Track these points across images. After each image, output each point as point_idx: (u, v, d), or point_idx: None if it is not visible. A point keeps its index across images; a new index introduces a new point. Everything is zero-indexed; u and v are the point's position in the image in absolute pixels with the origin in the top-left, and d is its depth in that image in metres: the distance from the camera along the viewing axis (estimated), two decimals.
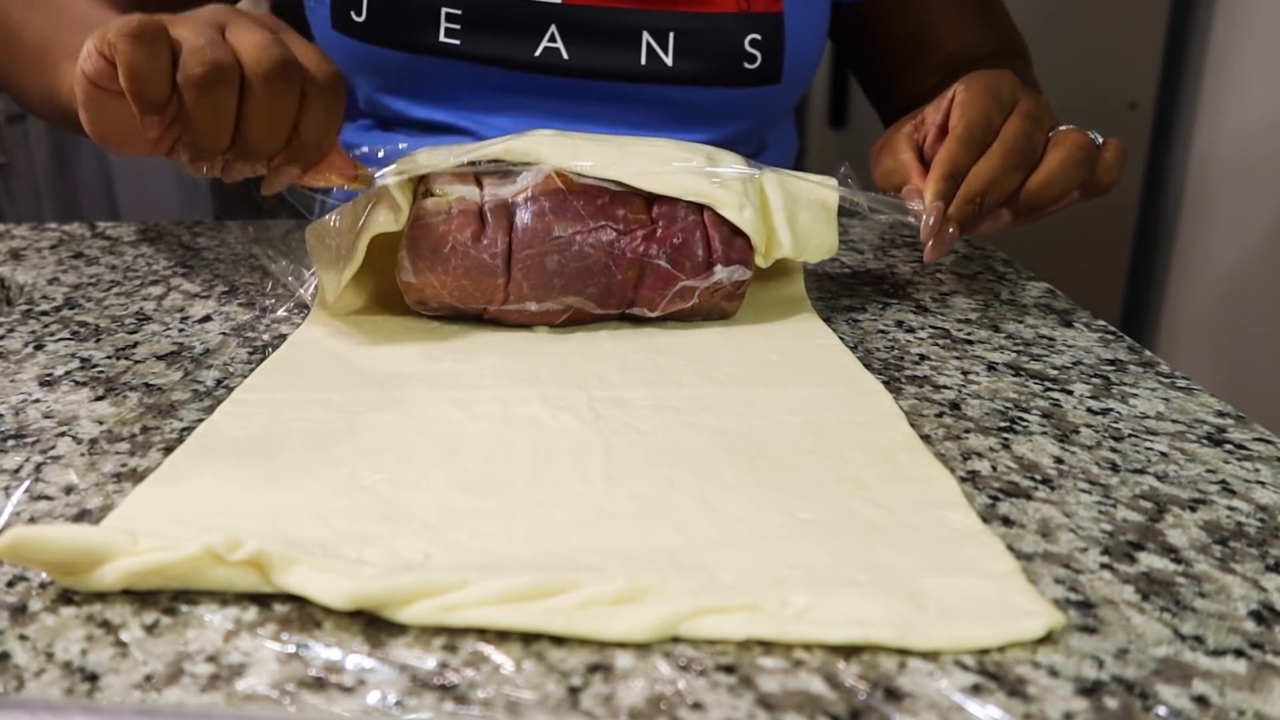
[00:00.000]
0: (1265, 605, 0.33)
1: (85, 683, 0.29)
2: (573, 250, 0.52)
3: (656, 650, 0.30)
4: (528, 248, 0.52)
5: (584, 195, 0.53)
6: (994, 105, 0.57)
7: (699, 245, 0.54)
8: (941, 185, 0.55)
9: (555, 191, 0.53)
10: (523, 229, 0.52)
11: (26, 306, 0.60)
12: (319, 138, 0.49)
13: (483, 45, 0.69)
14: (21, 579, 0.34)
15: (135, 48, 0.44)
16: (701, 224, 0.54)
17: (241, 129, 0.47)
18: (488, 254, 0.52)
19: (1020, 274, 0.67)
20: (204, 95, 0.45)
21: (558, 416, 0.45)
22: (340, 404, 0.46)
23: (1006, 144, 0.56)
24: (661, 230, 0.54)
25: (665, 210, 0.54)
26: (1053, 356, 0.53)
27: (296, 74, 0.46)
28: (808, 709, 0.28)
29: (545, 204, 0.52)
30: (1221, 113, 1.68)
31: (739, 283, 0.54)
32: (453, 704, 0.28)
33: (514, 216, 0.52)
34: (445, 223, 0.52)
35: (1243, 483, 0.41)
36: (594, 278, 0.53)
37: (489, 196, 0.53)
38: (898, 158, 0.60)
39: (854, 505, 0.38)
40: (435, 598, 0.31)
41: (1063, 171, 0.56)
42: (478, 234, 0.52)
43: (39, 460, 0.41)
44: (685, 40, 0.69)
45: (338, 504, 0.37)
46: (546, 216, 0.52)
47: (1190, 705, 0.28)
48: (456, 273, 0.52)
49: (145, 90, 0.44)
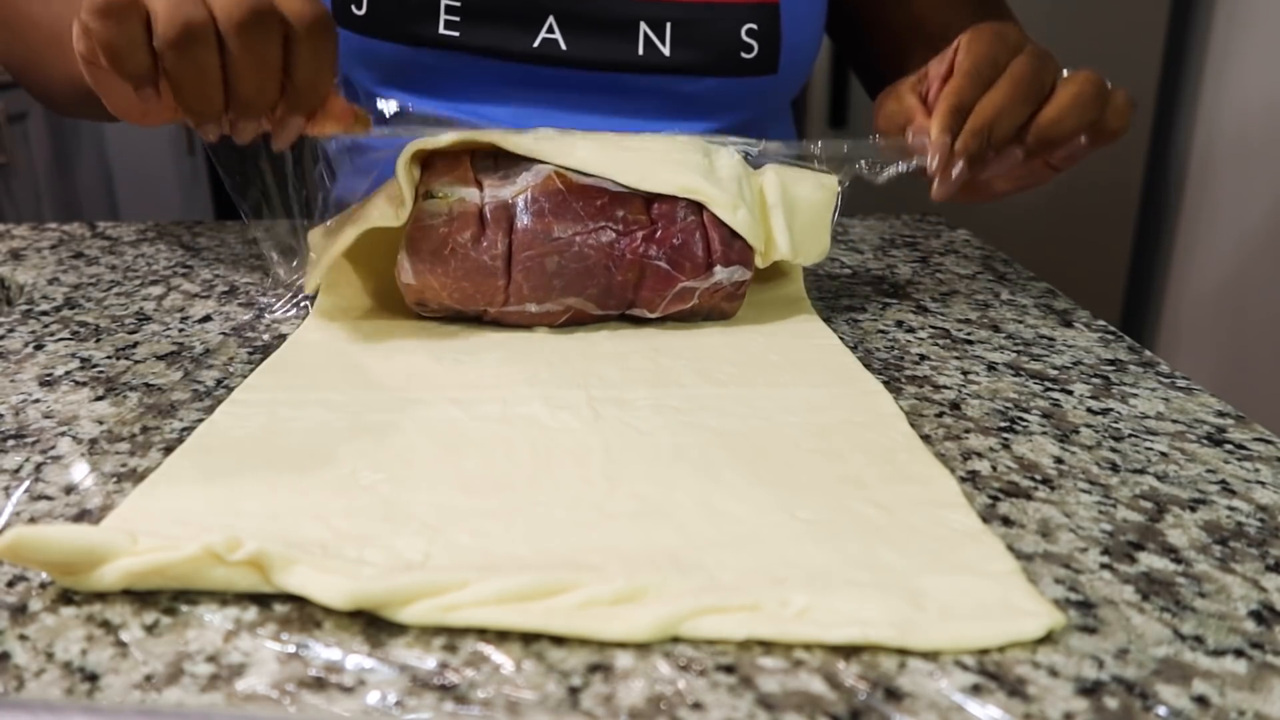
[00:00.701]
0: (1265, 605, 0.33)
1: (85, 683, 0.29)
2: (572, 251, 0.52)
3: (656, 650, 0.30)
4: (528, 249, 0.52)
5: (583, 196, 0.53)
6: (1000, 46, 0.56)
7: (698, 246, 0.54)
8: (948, 119, 0.54)
9: (555, 192, 0.53)
10: (522, 230, 0.52)
11: (26, 306, 0.60)
12: (312, 81, 0.48)
13: (481, 37, 0.69)
14: (21, 579, 0.34)
15: (105, 23, 0.44)
16: (701, 224, 0.54)
17: (229, 84, 0.46)
18: (488, 255, 0.52)
19: (1020, 274, 0.67)
20: (182, 56, 0.45)
21: (558, 416, 0.45)
22: (340, 404, 0.46)
23: (1014, 78, 0.54)
24: (661, 231, 0.54)
25: (664, 210, 0.54)
26: (1053, 356, 0.53)
27: (273, 20, 0.46)
28: (808, 709, 0.28)
29: (545, 205, 0.52)
30: (1222, 109, 1.68)
31: (739, 283, 0.54)
32: (453, 704, 0.28)
33: (514, 218, 0.52)
34: (445, 224, 0.52)
35: (1243, 483, 0.41)
36: (594, 279, 0.53)
37: (489, 197, 0.53)
38: (902, 102, 0.58)
39: (854, 505, 0.38)
40: (435, 598, 0.31)
41: (1075, 105, 0.55)
42: (478, 235, 0.52)
43: (39, 460, 0.41)
44: (682, 30, 0.69)
45: (338, 504, 0.37)
46: (546, 218, 0.52)
47: (1190, 705, 0.28)
48: (456, 274, 0.52)
49: (125, 64, 0.44)
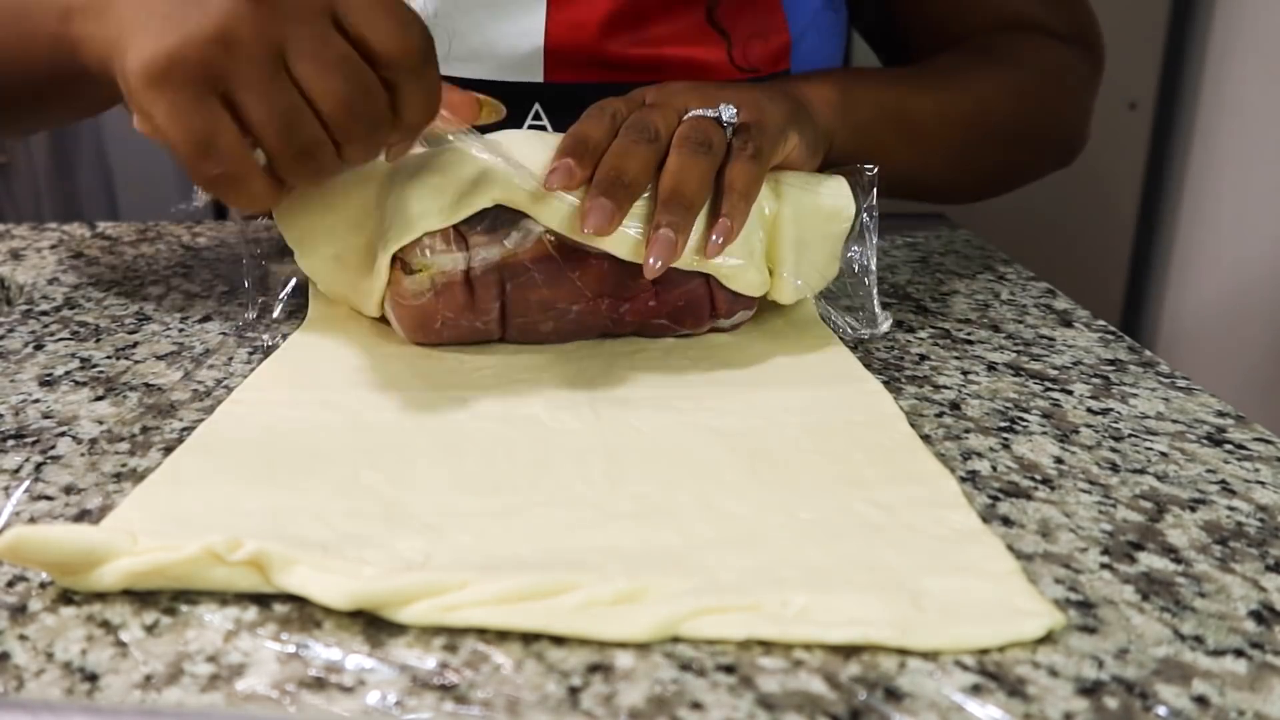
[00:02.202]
0: (1265, 605, 0.33)
1: (85, 683, 0.29)
2: (569, 318, 0.51)
3: (656, 650, 0.30)
4: (521, 315, 0.50)
5: (580, 265, 0.49)
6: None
7: (704, 306, 0.52)
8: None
9: (548, 259, 0.49)
10: (515, 299, 0.49)
11: (26, 306, 0.60)
12: (422, 117, 0.45)
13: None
14: (21, 579, 0.34)
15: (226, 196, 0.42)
16: (706, 284, 0.51)
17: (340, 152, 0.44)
18: (480, 321, 0.50)
19: (1020, 274, 0.67)
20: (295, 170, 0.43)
21: (558, 416, 0.45)
22: (340, 404, 0.46)
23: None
24: (664, 294, 0.51)
25: (667, 273, 0.49)
26: (1053, 356, 0.53)
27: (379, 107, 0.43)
28: (808, 709, 0.28)
29: (538, 276, 0.49)
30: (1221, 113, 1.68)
31: (740, 322, 0.54)
32: (453, 704, 0.28)
33: (505, 281, 0.49)
34: (430, 300, 0.49)
35: (1243, 483, 0.41)
36: (592, 334, 0.52)
37: (476, 259, 0.48)
38: None
39: (854, 505, 0.38)
40: (435, 598, 0.31)
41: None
42: (467, 304, 0.49)
43: (39, 460, 0.41)
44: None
45: (338, 504, 0.37)
46: (540, 289, 0.49)
47: (1190, 705, 0.28)
48: (448, 337, 0.51)
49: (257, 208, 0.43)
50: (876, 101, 0.62)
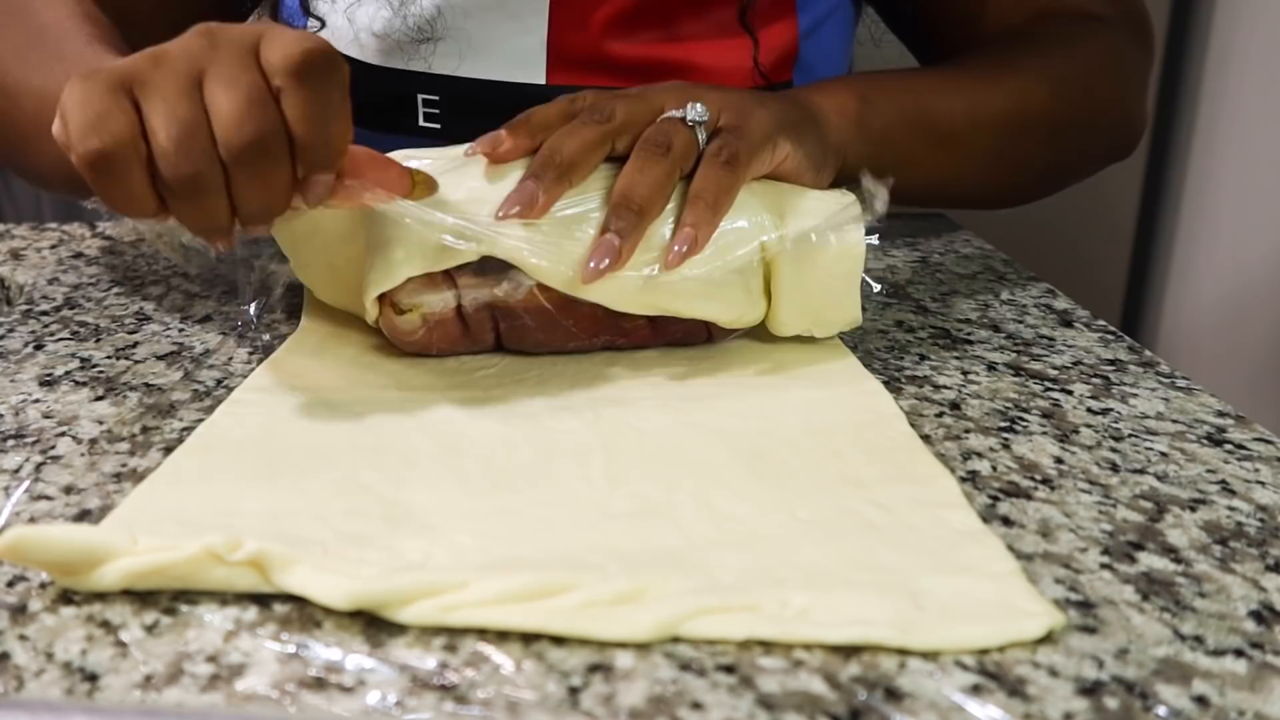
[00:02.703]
0: (1265, 605, 0.33)
1: (85, 683, 0.29)
2: (566, 349, 0.50)
3: (656, 650, 0.30)
4: (517, 347, 0.50)
5: (574, 314, 0.48)
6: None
7: (700, 335, 0.51)
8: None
9: (540, 310, 0.47)
10: (509, 335, 0.49)
11: (26, 306, 0.60)
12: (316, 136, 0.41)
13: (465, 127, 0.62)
14: (21, 579, 0.34)
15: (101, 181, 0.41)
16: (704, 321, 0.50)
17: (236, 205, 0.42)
18: (478, 347, 0.50)
19: (1020, 274, 0.67)
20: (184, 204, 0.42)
21: (558, 416, 0.45)
22: (340, 404, 0.46)
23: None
24: (661, 328, 0.50)
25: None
26: (1053, 356, 0.53)
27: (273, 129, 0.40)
28: (808, 709, 0.28)
29: (530, 323, 0.48)
30: (1221, 113, 1.68)
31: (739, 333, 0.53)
32: (453, 704, 0.28)
33: (498, 322, 0.48)
34: (424, 335, 0.48)
35: (1243, 483, 0.41)
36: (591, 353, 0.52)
37: (468, 299, 0.47)
38: None
39: (854, 505, 0.38)
40: (435, 598, 0.31)
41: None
42: (461, 336, 0.49)
43: (39, 460, 0.41)
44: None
45: (338, 504, 0.37)
46: (536, 334, 0.49)
47: (1190, 705, 0.28)
48: (447, 354, 0.50)
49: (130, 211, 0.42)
50: (899, 108, 0.59)
